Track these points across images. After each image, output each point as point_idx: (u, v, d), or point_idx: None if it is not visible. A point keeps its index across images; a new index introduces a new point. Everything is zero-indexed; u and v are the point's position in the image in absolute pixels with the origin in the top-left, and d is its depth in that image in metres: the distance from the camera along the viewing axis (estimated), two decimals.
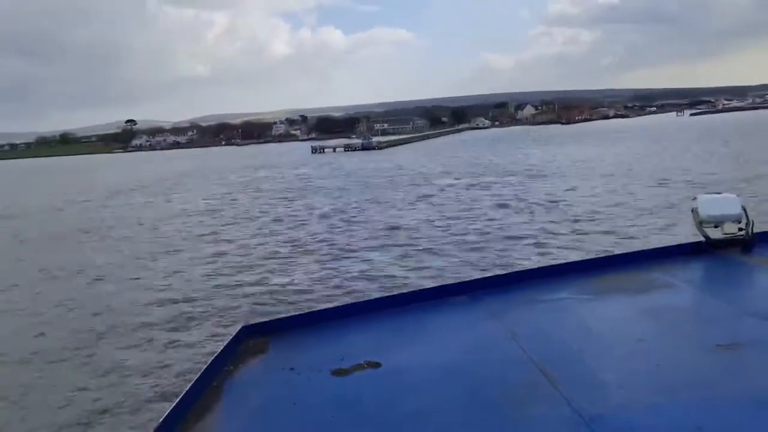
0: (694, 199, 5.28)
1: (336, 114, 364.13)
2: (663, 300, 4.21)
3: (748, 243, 5.02)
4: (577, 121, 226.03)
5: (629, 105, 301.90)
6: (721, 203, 5.16)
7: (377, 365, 3.48)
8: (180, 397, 3.03)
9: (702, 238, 5.13)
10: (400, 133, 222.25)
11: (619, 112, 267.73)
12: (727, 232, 5.05)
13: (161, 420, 2.79)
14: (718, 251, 5.05)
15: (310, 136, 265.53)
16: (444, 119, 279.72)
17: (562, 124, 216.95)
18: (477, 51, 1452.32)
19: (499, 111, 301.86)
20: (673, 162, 46.91)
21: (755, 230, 5.03)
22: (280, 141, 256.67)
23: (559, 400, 2.85)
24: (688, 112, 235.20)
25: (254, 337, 4.00)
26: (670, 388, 2.90)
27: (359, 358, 3.56)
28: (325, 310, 4.49)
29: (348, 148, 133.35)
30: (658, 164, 45.93)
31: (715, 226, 5.10)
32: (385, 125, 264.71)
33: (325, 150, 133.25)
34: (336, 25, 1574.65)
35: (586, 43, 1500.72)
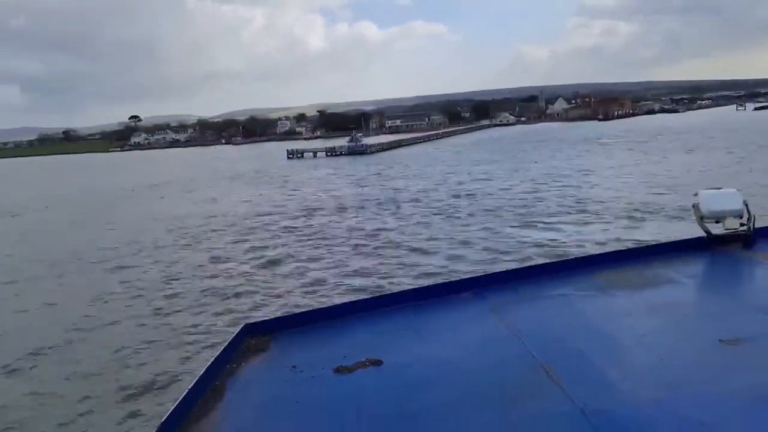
0: (696, 194, 5.26)
1: (367, 108, 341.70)
2: (665, 295, 4.22)
3: (750, 238, 5.01)
4: (617, 117, 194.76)
5: (677, 98, 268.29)
6: (723, 198, 5.13)
7: (379, 363, 3.47)
8: (182, 395, 3.03)
9: (704, 234, 5.12)
10: (414, 131, 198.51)
11: (666, 106, 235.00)
12: (729, 227, 5.03)
13: (163, 419, 2.80)
14: (720, 247, 5.05)
15: (315, 134, 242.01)
16: (466, 114, 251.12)
17: (600, 120, 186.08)
18: (512, 43, 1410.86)
19: (527, 105, 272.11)
20: None
21: (757, 225, 5.03)
22: (282, 139, 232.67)
23: (562, 397, 2.87)
24: (750, 105, 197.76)
25: (255, 335, 3.99)
26: (673, 383, 2.92)
27: (361, 356, 3.54)
28: (326, 308, 4.48)
29: (331, 152, 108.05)
30: None
31: (717, 222, 5.08)
32: (398, 122, 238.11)
33: (305, 154, 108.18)
34: (371, 19, 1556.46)
35: (623, 34, 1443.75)
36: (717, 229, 5.08)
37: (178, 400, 2.97)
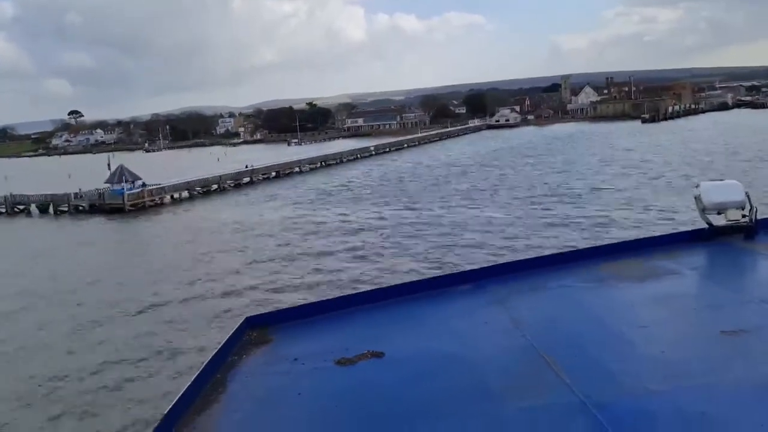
0: (697, 186, 5.23)
1: (397, 98, 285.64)
2: (667, 287, 4.19)
3: (752, 230, 5.00)
4: (671, 116, 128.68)
5: (757, 84, 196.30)
6: (724, 190, 5.10)
7: (381, 355, 3.47)
8: (185, 387, 3.06)
9: (705, 225, 5.15)
10: (380, 133, 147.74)
11: (745, 98, 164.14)
12: (731, 218, 5.01)
13: (167, 410, 2.82)
14: (722, 238, 5.02)
15: (255, 137, 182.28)
16: (459, 111, 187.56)
17: (645, 120, 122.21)
18: (547, 33, 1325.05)
19: (543, 97, 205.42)
20: None
21: (759, 217, 5.04)
22: (214, 143, 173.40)
23: (564, 388, 2.87)
24: None
25: (257, 328, 4.00)
26: (675, 374, 2.94)
27: (363, 348, 3.56)
28: (327, 300, 4.47)
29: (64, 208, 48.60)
30: None
31: (719, 213, 5.08)
32: (360, 121, 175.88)
33: None
34: (409, 11, 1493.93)
35: (665, 21, 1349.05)
36: (719, 221, 5.05)
37: (180, 393, 3.00)
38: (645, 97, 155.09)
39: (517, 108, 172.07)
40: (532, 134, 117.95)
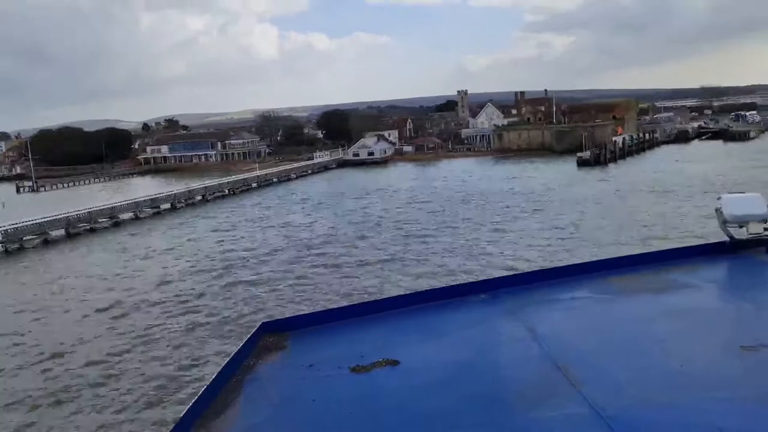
0: (719, 198, 5.13)
1: (302, 114, 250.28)
2: (685, 300, 4.14)
3: None
4: (623, 154, 78.11)
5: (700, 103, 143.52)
6: (746, 203, 5.01)
7: (396, 363, 3.46)
8: (200, 392, 3.08)
9: (726, 238, 5.03)
10: (194, 169, 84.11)
11: (711, 126, 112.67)
12: (753, 232, 4.90)
13: (182, 414, 2.85)
14: (743, 251, 4.94)
15: (13, 171, 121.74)
16: (322, 132, 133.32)
17: (584, 163, 71.36)
18: (454, 54, 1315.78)
19: (431, 119, 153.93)
20: None
21: None
22: None
23: (578, 399, 2.84)
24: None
25: (273, 334, 4.00)
26: (692, 388, 2.90)
27: (378, 355, 3.54)
28: (343, 308, 4.47)
29: None
30: None
31: (740, 226, 4.98)
32: (164, 149, 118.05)
33: None
34: (321, 30, 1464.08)
35: (559, 46, 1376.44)
36: (740, 234, 4.95)
37: (196, 397, 3.02)
38: (574, 120, 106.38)
39: (395, 133, 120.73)
40: (381, 192, 65.93)
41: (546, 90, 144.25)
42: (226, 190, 70.08)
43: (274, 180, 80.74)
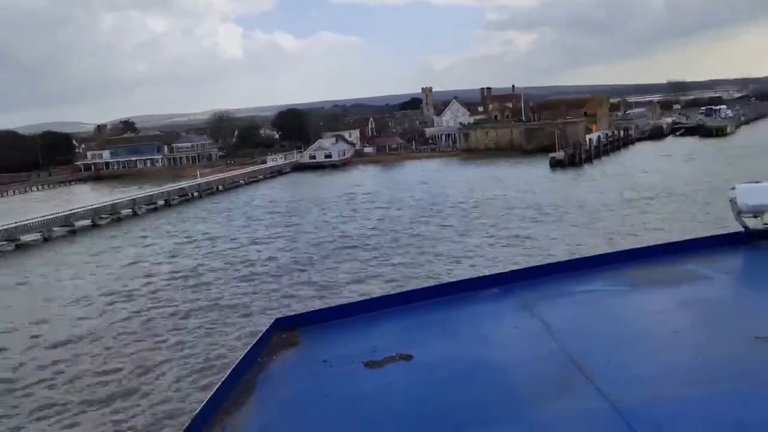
0: (733, 188, 5.01)
1: (266, 113, 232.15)
2: (700, 291, 4.10)
3: None
4: (598, 153, 72.34)
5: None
6: (761, 192, 4.91)
7: (409, 358, 3.45)
8: (214, 389, 3.09)
9: (741, 229, 4.95)
10: (139, 174, 76.12)
11: (685, 121, 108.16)
12: None
13: (197, 411, 2.85)
14: (758, 242, 4.86)
15: None
16: (279, 133, 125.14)
17: (557, 164, 66.14)
18: (418, 53, 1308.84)
19: (393, 118, 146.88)
20: None
21: None
22: None
23: (593, 393, 2.82)
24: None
25: (286, 329, 3.98)
26: (708, 380, 2.88)
27: (391, 350, 3.53)
28: (356, 303, 4.45)
29: None
30: None
31: (755, 216, 4.90)
32: (105, 154, 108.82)
33: None
34: (286, 29, 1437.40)
35: (522, 44, 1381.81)
36: (755, 224, 4.88)
37: (210, 394, 3.02)
38: (544, 117, 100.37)
39: (356, 134, 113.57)
40: (335, 200, 58.78)
41: (513, 86, 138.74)
42: (160, 202, 61.96)
43: (219, 188, 72.78)
